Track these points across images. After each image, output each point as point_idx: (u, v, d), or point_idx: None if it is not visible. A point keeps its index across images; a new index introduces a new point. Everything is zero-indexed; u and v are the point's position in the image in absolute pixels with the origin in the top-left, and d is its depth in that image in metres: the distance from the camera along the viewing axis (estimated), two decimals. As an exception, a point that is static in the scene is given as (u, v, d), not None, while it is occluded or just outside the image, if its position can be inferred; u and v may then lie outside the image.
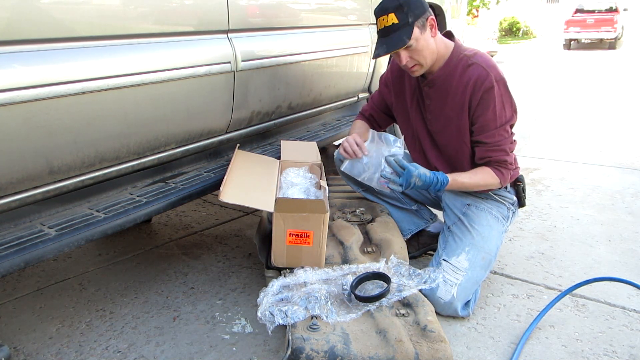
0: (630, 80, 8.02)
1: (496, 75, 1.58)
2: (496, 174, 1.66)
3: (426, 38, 1.58)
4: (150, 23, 1.48)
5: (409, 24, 1.54)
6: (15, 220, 1.34)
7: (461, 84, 1.62)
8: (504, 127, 1.63)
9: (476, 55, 1.63)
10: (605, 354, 1.44)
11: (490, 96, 1.58)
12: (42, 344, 1.53)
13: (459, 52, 1.64)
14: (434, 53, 1.62)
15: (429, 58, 1.61)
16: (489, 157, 1.65)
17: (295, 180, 1.75)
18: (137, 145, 1.52)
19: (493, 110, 1.59)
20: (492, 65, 1.61)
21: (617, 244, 2.14)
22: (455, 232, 1.71)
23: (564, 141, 3.98)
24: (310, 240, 1.51)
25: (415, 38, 1.55)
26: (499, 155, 1.65)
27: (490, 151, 1.65)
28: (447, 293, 1.57)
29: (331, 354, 1.23)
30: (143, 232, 2.34)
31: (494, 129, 1.61)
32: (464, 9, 3.70)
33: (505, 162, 1.66)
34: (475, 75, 1.59)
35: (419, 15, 1.55)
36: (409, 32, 1.54)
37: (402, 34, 1.55)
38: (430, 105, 1.72)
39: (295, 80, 2.07)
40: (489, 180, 1.67)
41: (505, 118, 1.62)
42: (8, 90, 1.13)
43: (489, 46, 12.63)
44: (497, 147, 1.64)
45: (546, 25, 23.44)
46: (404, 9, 1.53)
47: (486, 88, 1.57)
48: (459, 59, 1.63)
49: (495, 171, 1.66)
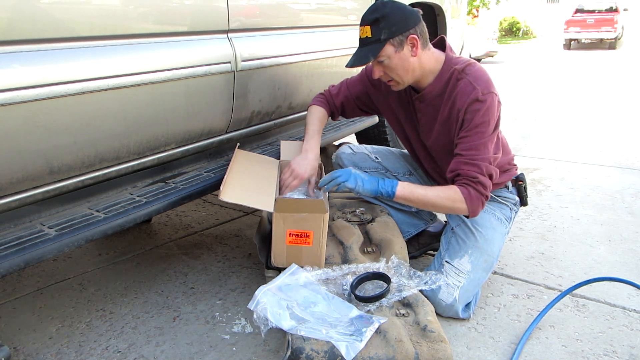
0: (630, 80, 8.02)
1: (484, 89, 1.51)
2: (462, 193, 1.50)
3: (402, 57, 1.51)
4: (150, 23, 1.48)
5: (380, 41, 1.49)
6: (15, 220, 1.34)
7: (450, 99, 1.57)
8: (484, 143, 1.51)
9: (467, 67, 1.56)
10: (605, 354, 1.44)
11: (474, 109, 1.50)
12: (42, 344, 1.53)
13: (450, 66, 1.58)
14: (413, 71, 1.55)
15: (405, 77, 1.56)
16: (459, 169, 1.52)
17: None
18: (137, 145, 1.52)
19: (475, 123, 1.50)
20: (482, 79, 1.53)
21: (617, 244, 2.14)
22: (458, 234, 1.70)
23: (564, 141, 3.98)
24: (310, 240, 1.51)
25: (387, 55, 1.50)
26: (469, 170, 1.50)
27: (462, 163, 1.52)
28: (449, 295, 1.57)
29: (331, 354, 1.23)
30: (143, 232, 2.34)
31: (473, 142, 1.51)
32: (464, 9, 3.70)
33: (475, 179, 1.50)
34: (463, 89, 1.53)
35: (396, 32, 1.48)
36: (377, 50, 1.50)
37: (370, 51, 1.51)
38: (422, 119, 1.69)
39: (295, 80, 2.07)
40: (455, 202, 1.51)
41: (487, 134, 1.51)
42: (8, 90, 1.13)
43: (489, 46, 12.61)
44: (471, 161, 1.51)
45: (546, 25, 23.45)
46: (380, 25, 1.48)
47: (471, 101, 1.50)
48: (450, 74, 1.57)
49: (462, 189, 1.50)
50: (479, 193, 1.51)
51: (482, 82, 1.53)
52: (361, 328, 1.31)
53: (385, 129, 2.88)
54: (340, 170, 1.57)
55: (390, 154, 1.98)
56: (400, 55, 1.52)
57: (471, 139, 1.52)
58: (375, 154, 1.94)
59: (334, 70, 2.33)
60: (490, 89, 1.53)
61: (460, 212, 1.55)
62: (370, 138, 2.91)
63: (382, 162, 1.94)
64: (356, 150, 1.95)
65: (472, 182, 1.51)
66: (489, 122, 1.52)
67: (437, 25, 3.12)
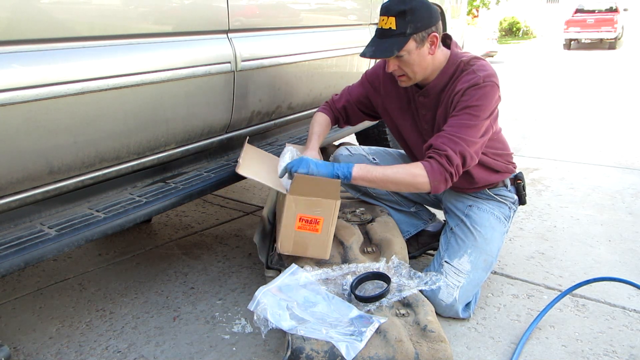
0: (630, 80, 8.02)
1: (485, 77, 1.50)
2: (424, 167, 1.44)
3: (421, 54, 1.51)
4: (150, 23, 1.48)
5: (405, 35, 1.46)
6: (15, 220, 1.34)
7: (451, 88, 1.56)
8: (471, 125, 1.47)
9: (472, 60, 1.56)
10: (605, 354, 1.44)
11: (471, 92, 1.48)
12: (42, 344, 1.53)
13: (456, 60, 1.58)
14: (426, 69, 1.55)
15: (418, 73, 1.55)
16: (432, 142, 1.48)
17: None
18: (137, 145, 1.52)
19: (467, 104, 1.48)
20: (486, 69, 1.53)
21: (617, 244, 2.14)
22: (457, 234, 1.70)
23: (564, 141, 3.98)
24: (320, 227, 1.50)
25: (407, 50, 1.48)
26: (441, 144, 1.45)
27: (439, 137, 1.47)
28: (449, 296, 1.57)
29: (331, 354, 1.23)
30: (143, 232, 2.34)
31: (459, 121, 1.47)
32: (464, 9, 3.70)
33: (444, 152, 1.43)
34: (465, 77, 1.52)
35: (421, 28, 1.47)
36: (402, 43, 1.47)
37: (394, 44, 1.47)
38: (426, 116, 1.67)
39: (295, 80, 2.07)
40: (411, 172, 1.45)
41: (476, 118, 1.47)
42: (8, 90, 1.13)
43: (489, 46, 12.60)
44: (447, 136, 1.46)
45: (546, 25, 23.46)
46: (406, 17, 1.45)
47: (470, 85, 1.49)
48: (455, 67, 1.57)
49: (425, 163, 1.45)
50: (442, 167, 1.44)
51: (484, 72, 1.52)
52: (361, 328, 1.31)
53: (385, 129, 2.88)
54: (295, 159, 1.52)
55: (388, 155, 1.97)
56: (420, 52, 1.50)
57: (458, 119, 1.49)
58: (373, 155, 1.94)
59: (334, 70, 2.33)
60: (492, 79, 1.51)
61: (421, 187, 1.46)
62: (370, 138, 2.91)
63: (380, 164, 1.92)
64: (353, 152, 1.94)
65: (437, 155, 1.45)
66: (483, 107, 1.48)
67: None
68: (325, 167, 1.49)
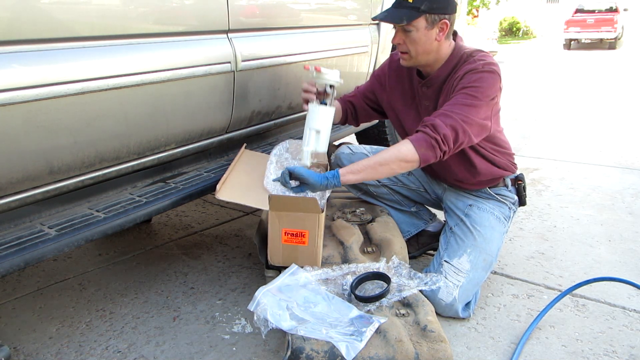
0: (630, 80, 8.02)
1: (485, 64, 1.53)
2: (410, 140, 1.44)
3: (429, 35, 1.54)
4: (150, 23, 1.48)
5: (419, 10, 1.51)
6: (15, 220, 1.34)
7: (453, 78, 1.59)
8: (468, 103, 1.47)
9: (475, 51, 1.60)
10: (605, 354, 1.44)
11: (470, 76, 1.51)
12: (42, 344, 1.53)
13: (459, 51, 1.62)
14: (429, 53, 1.58)
15: (421, 54, 1.58)
16: (425, 120, 1.48)
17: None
18: (137, 145, 1.52)
19: (464, 85, 1.50)
20: (488, 59, 1.56)
21: (617, 244, 2.14)
22: (457, 234, 1.71)
23: (564, 141, 3.98)
24: (306, 239, 1.51)
25: (416, 27, 1.53)
26: (432, 118, 1.46)
27: (433, 116, 1.48)
28: (448, 295, 1.57)
29: (331, 354, 1.23)
30: (143, 232, 2.34)
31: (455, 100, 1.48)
32: (464, 9, 3.70)
33: (432, 123, 1.44)
34: (466, 65, 1.56)
35: (435, 10, 1.51)
36: (413, 17, 1.51)
37: (406, 14, 1.52)
38: (429, 107, 1.70)
39: (295, 80, 2.07)
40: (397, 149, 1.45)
41: (474, 98, 1.48)
42: (8, 90, 1.13)
43: (489, 46, 12.62)
44: (441, 112, 1.47)
45: (546, 25, 23.45)
46: None
47: (469, 69, 1.53)
48: (459, 57, 1.61)
49: (411, 136, 1.45)
50: (426, 135, 1.43)
51: (485, 61, 1.55)
52: (361, 328, 1.31)
53: (385, 129, 2.88)
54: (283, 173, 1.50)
55: None
56: (428, 33, 1.54)
57: (454, 99, 1.50)
58: (374, 154, 1.94)
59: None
60: (492, 66, 1.53)
61: (410, 158, 1.44)
62: (370, 138, 2.91)
63: None
64: (355, 150, 1.96)
65: (423, 127, 1.46)
66: (481, 88, 1.49)
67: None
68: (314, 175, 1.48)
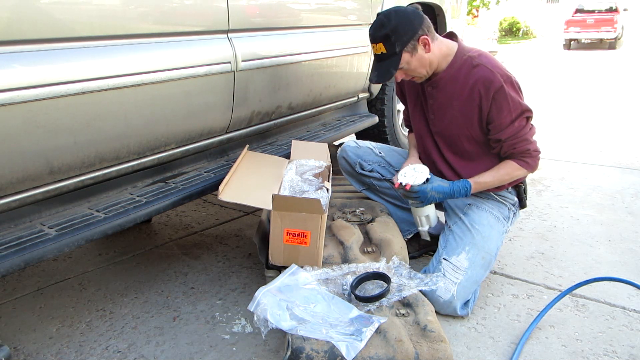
0: (630, 80, 8.02)
1: (502, 75, 1.59)
2: (521, 165, 1.68)
3: (419, 57, 1.60)
4: (150, 23, 1.48)
5: (397, 54, 1.56)
6: (15, 220, 1.34)
7: (467, 85, 1.63)
8: (520, 118, 1.62)
9: (480, 56, 1.64)
10: (605, 354, 1.44)
11: (501, 95, 1.59)
12: (42, 344, 1.53)
13: (463, 53, 1.65)
14: (431, 64, 1.64)
15: (425, 70, 1.64)
16: (512, 150, 1.67)
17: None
18: (137, 145, 1.52)
19: (507, 108, 1.60)
20: (497, 65, 1.62)
21: (617, 244, 2.14)
22: (455, 232, 1.71)
23: (563, 141, 3.98)
24: (308, 240, 1.51)
25: (405, 62, 1.59)
26: (520, 146, 1.66)
27: (512, 145, 1.65)
28: (446, 292, 1.57)
29: (331, 354, 1.23)
30: (143, 232, 2.34)
31: (510, 123, 1.61)
32: (464, 9, 3.70)
33: (527, 151, 1.67)
34: (482, 76, 1.59)
35: (407, 40, 1.56)
36: (397, 62, 1.57)
37: (390, 65, 1.58)
38: (434, 106, 1.73)
39: (295, 80, 2.07)
40: (515, 173, 1.69)
41: (519, 110, 1.61)
42: (8, 90, 1.13)
43: (489, 46, 12.65)
44: (517, 139, 1.64)
45: (546, 25, 23.44)
46: (391, 39, 1.54)
47: (496, 88, 1.58)
48: (464, 60, 1.64)
49: (519, 162, 1.68)
50: (533, 158, 1.68)
51: (498, 69, 1.61)
52: (361, 328, 1.31)
53: (385, 129, 2.88)
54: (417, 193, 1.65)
55: (393, 151, 2.03)
56: (417, 57, 1.60)
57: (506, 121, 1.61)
58: (379, 149, 2.00)
59: (334, 70, 2.33)
60: (507, 73, 1.62)
61: (521, 178, 1.77)
62: (370, 138, 2.91)
63: (385, 157, 1.97)
64: (361, 145, 2.01)
65: (526, 155, 1.67)
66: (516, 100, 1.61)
67: (437, 25, 3.12)
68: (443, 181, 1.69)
